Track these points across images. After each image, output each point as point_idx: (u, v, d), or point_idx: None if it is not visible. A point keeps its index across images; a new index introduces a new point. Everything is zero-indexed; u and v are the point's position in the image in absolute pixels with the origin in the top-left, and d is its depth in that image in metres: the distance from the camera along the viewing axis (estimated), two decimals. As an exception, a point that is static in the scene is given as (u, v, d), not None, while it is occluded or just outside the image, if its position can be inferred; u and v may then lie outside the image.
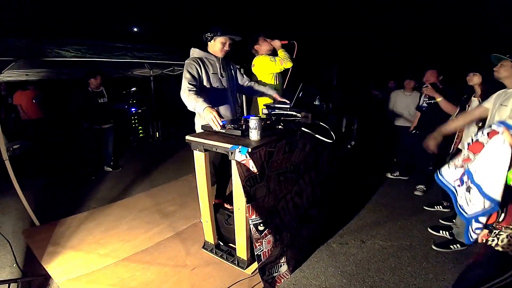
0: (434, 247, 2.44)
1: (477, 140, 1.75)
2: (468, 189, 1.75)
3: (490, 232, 1.50)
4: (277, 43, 2.91)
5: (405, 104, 4.23)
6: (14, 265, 2.17)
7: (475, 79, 2.51)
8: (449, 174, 1.95)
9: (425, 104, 3.48)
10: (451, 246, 2.45)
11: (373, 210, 3.15)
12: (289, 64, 2.85)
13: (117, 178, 4.10)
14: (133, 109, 5.94)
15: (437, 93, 3.03)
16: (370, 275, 2.12)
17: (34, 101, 5.05)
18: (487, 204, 1.58)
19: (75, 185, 3.83)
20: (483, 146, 1.69)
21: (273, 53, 2.96)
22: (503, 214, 1.49)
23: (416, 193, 3.53)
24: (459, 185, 1.86)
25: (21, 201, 2.64)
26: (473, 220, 1.68)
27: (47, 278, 2.05)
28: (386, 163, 4.49)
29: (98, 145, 4.22)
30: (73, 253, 2.34)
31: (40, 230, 2.67)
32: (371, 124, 5.75)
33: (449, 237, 2.58)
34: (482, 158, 1.65)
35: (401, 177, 4.07)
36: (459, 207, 1.77)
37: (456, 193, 1.88)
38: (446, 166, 2.04)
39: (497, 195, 1.51)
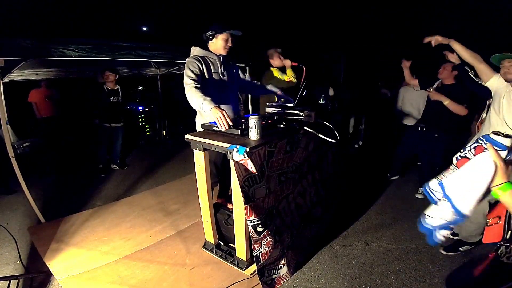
0: (442, 252, 2.36)
1: (465, 156, 1.70)
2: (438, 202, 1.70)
3: (506, 248, 1.42)
4: (288, 63, 3.24)
5: (414, 100, 4.06)
6: (18, 261, 2.21)
7: None
8: (436, 188, 1.92)
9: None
10: (460, 249, 2.37)
11: (379, 211, 3.08)
12: (293, 82, 3.28)
13: (123, 176, 4.14)
14: (140, 108, 5.98)
15: (443, 96, 2.93)
16: (372, 278, 2.06)
17: (47, 99, 5.14)
18: (454, 217, 1.53)
19: (82, 183, 3.88)
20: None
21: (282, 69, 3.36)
22: (510, 232, 1.42)
23: (418, 196, 3.38)
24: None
25: (30, 198, 2.69)
26: (438, 229, 1.63)
27: (48, 275, 2.07)
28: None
29: (108, 143, 4.28)
30: (75, 250, 2.37)
31: (45, 227, 2.70)
32: (379, 124, 5.63)
33: (451, 236, 2.50)
34: (462, 173, 1.60)
35: (393, 177, 3.86)
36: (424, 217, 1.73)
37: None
38: (435, 180, 2.00)
39: (468, 211, 1.45)
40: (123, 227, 2.72)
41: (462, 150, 1.83)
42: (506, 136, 1.34)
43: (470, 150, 1.72)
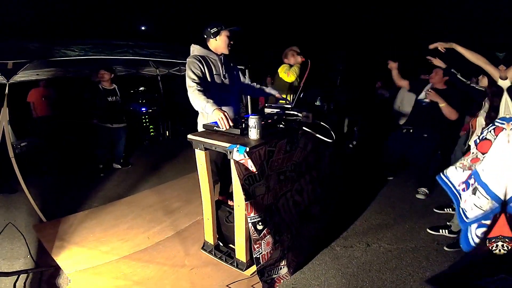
0: (446, 249, 2.39)
1: (485, 138, 1.70)
2: (474, 191, 1.70)
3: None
4: (298, 59, 3.41)
5: (413, 101, 4.08)
6: (28, 256, 2.27)
7: (484, 81, 2.44)
8: (455, 176, 1.92)
9: (427, 100, 3.22)
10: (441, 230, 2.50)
11: (380, 211, 3.07)
12: (291, 78, 3.35)
13: (126, 175, 4.14)
14: (143, 109, 6.00)
15: (441, 99, 2.98)
16: (370, 275, 2.10)
17: (43, 99, 5.13)
18: (490, 205, 1.54)
19: (83, 183, 3.88)
20: (491, 144, 1.64)
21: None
22: None
23: (419, 196, 3.34)
24: (464, 189, 1.80)
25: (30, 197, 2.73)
26: (472, 225, 1.64)
27: (57, 269, 2.13)
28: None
29: (109, 143, 4.27)
30: (77, 248, 2.40)
31: (47, 226, 2.72)
32: (374, 124, 5.61)
33: (448, 234, 2.57)
34: (491, 156, 1.60)
35: (389, 178, 3.84)
36: (461, 212, 1.73)
37: (460, 198, 1.83)
38: (452, 167, 1.99)
39: (502, 194, 1.47)
40: (120, 228, 2.72)
41: (480, 134, 1.85)
42: None
43: (490, 131, 1.73)
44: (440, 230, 2.62)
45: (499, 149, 1.53)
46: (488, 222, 1.60)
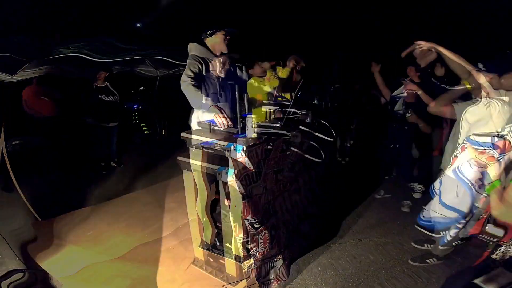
0: (410, 262, 2.25)
1: (456, 155, 1.87)
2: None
3: (496, 248, 1.51)
4: (266, 65, 3.03)
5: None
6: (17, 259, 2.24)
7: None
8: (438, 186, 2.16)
9: (400, 94, 3.24)
10: (427, 261, 2.24)
11: (377, 211, 3.07)
12: (275, 82, 2.95)
13: (119, 175, 4.13)
14: (134, 106, 5.98)
15: (416, 86, 2.96)
16: (366, 274, 2.12)
17: (37, 97, 5.03)
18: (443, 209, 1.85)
19: (78, 182, 3.88)
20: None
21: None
22: (488, 225, 1.57)
23: (404, 209, 3.12)
24: None
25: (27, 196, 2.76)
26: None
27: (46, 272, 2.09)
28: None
29: (105, 141, 4.29)
30: (74, 247, 2.40)
31: (43, 225, 2.71)
32: (372, 124, 5.57)
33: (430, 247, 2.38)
34: (451, 169, 1.83)
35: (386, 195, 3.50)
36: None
37: None
38: (438, 179, 2.19)
39: (450, 201, 1.72)
40: (117, 227, 2.72)
41: (456, 150, 1.94)
42: (488, 134, 1.42)
43: (458, 149, 1.90)
44: (425, 245, 2.42)
45: (458, 164, 1.70)
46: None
